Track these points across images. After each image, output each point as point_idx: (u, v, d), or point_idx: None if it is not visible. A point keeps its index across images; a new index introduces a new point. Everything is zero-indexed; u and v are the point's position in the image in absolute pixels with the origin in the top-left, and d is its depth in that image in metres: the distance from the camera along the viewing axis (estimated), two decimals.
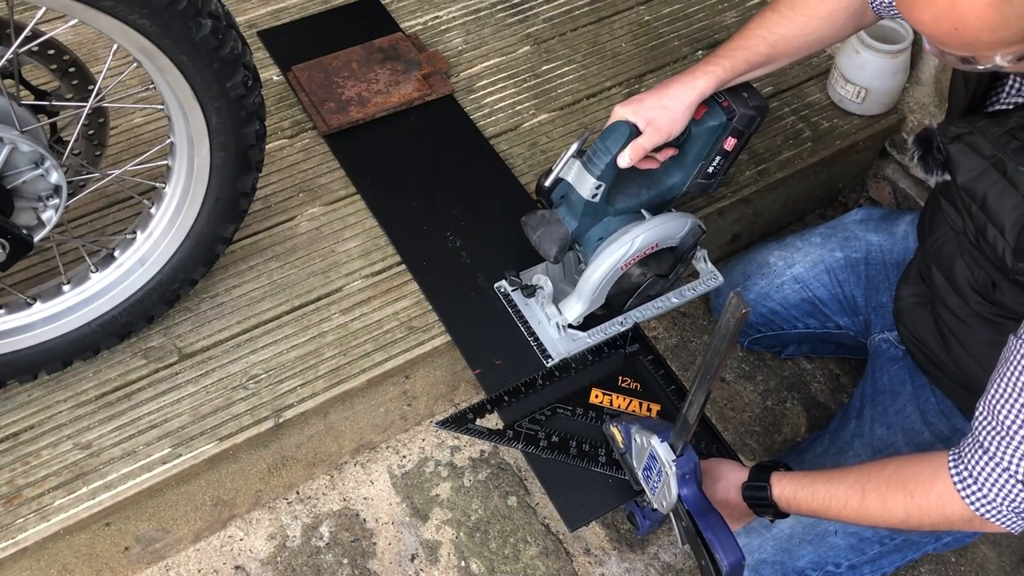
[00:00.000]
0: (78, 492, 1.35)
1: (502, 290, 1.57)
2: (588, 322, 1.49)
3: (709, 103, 1.38)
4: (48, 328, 1.36)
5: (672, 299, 1.55)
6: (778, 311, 1.64)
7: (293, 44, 1.93)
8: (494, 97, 1.90)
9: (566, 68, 1.96)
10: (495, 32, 2.02)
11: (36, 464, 1.37)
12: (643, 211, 1.45)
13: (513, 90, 1.91)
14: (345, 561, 1.57)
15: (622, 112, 1.34)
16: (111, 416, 1.43)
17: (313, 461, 1.61)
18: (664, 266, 1.46)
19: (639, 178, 1.45)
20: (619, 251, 1.38)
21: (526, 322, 1.52)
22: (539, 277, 1.48)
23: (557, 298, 1.48)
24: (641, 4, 2.10)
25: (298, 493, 1.63)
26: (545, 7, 2.08)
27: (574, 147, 1.38)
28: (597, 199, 1.37)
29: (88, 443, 1.40)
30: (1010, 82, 1.17)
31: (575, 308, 1.45)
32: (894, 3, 1.26)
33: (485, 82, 1.92)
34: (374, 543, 1.59)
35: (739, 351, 1.85)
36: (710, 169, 1.44)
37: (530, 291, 1.49)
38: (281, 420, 1.44)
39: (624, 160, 1.33)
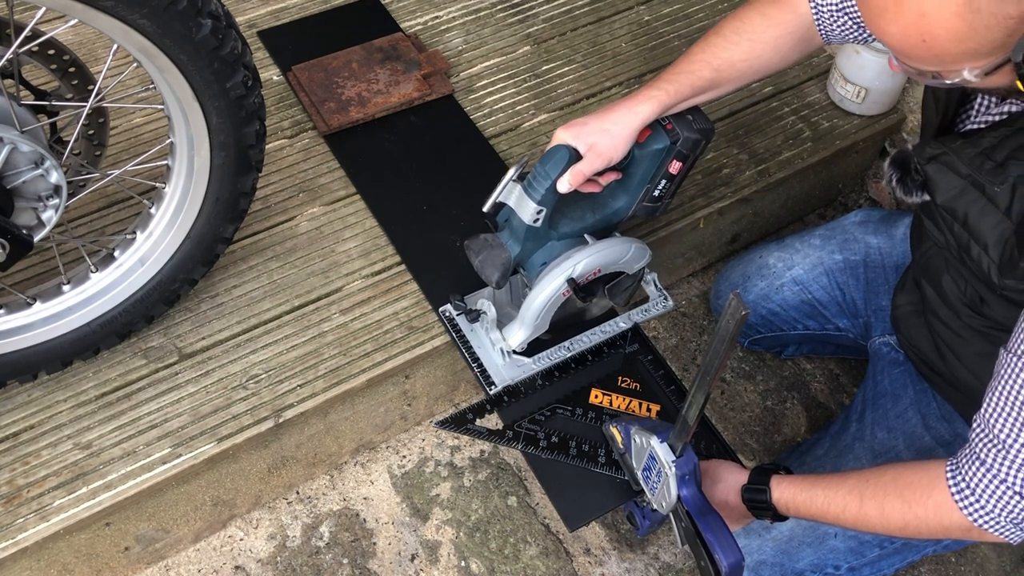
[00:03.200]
0: (78, 492, 1.35)
1: (447, 314, 1.53)
2: (533, 348, 1.46)
3: (653, 126, 1.34)
4: (48, 328, 1.36)
5: (620, 323, 1.53)
6: (778, 312, 1.64)
7: (293, 44, 1.93)
8: (494, 97, 1.90)
9: (566, 68, 1.96)
10: (495, 32, 2.02)
11: (36, 464, 1.38)
12: (587, 236, 1.42)
13: (513, 90, 1.91)
14: (345, 561, 1.57)
15: (563, 136, 1.30)
16: (111, 416, 1.43)
17: (313, 461, 1.61)
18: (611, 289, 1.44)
19: (583, 202, 1.41)
20: (561, 276, 1.36)
21: (470, 347, 1.49)
22: (482, 302, 1.45)
23: (503, 323, 1.45)
24: (641, 4, 2.10)
25: (298, 493, 1.63)
26: (545, 7, 2.08)
27: (513, 171, 1.34)
28: (539, 224, 1.34)
29: (88, 443, 1.40)
30: (978, 100, 1.16)
31: (518, 334, 1.42)
32: (862, 21, 1.25)
33: (485, 82, 1.92)
34: (374, 543, 1.59)
35: (739, 351, 1.85)
36: (656, 192, 1.40)
37: (474, 316, 1.45)
38: (281, 420, 1.44)
39: (564, 185, 1.29)
